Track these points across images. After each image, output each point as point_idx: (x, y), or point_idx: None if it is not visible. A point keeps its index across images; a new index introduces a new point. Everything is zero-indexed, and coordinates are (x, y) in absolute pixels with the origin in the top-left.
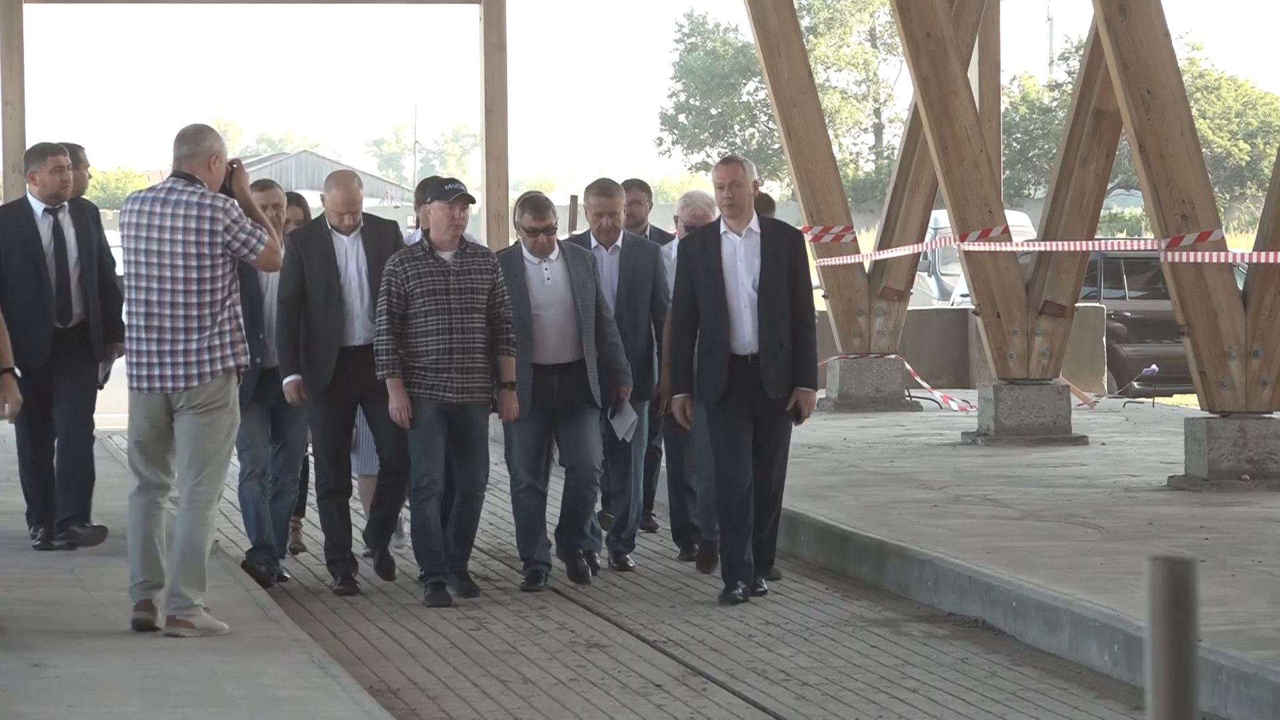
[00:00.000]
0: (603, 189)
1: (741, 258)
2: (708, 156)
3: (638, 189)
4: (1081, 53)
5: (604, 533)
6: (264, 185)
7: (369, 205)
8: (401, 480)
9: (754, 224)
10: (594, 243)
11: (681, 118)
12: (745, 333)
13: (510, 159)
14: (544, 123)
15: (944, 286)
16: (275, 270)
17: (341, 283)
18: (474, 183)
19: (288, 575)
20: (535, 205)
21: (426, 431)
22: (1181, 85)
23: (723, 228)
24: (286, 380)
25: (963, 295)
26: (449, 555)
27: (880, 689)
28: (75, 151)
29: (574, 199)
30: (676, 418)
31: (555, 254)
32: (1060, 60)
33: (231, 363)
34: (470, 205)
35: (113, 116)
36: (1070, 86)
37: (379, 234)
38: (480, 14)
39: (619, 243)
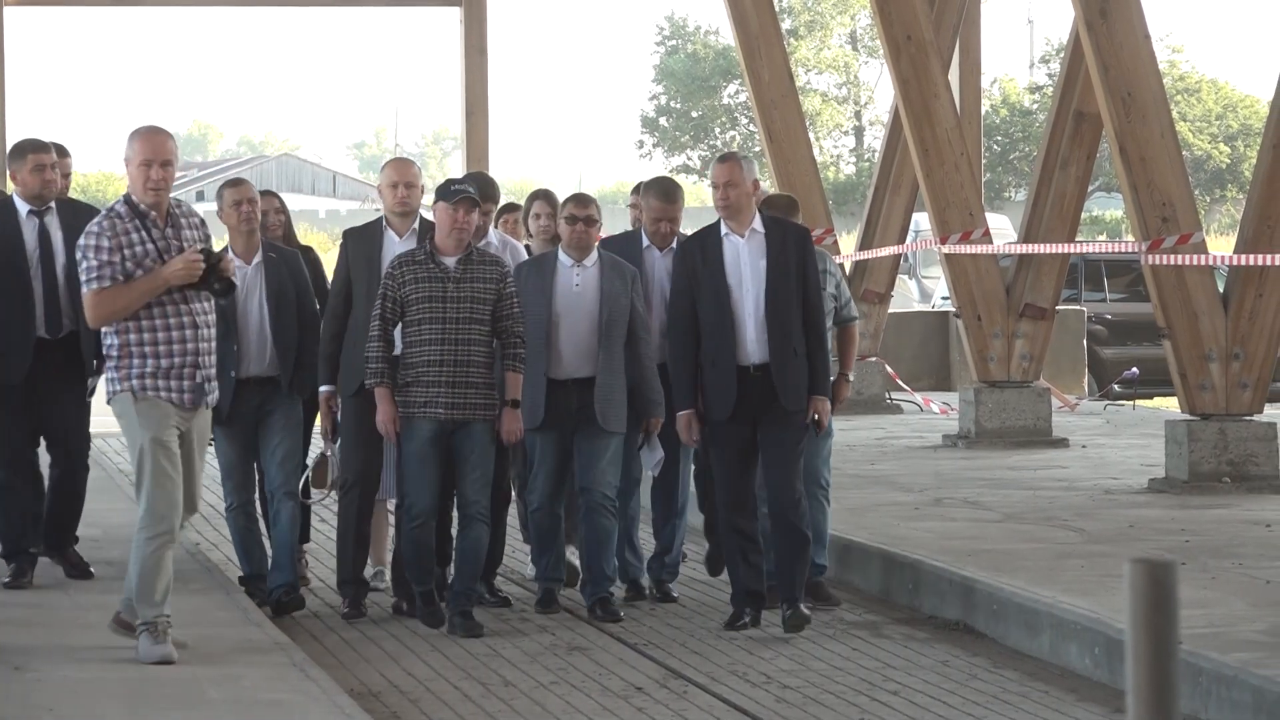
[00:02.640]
0: (663, 192)
1: (745, 261)
2: (689, 159)
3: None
4: (1062, 55)
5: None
6: (235, 183)
7: (349, 207)
8: (363, 506)
9: (757, 224)
10: (645, 242)
11: (662, 120)
12: (751, 342)
13: (491, 162)
14: (525, 126)
15: (925, 289)
16: (90, 322)
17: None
18: None
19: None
20: (578, 196)
21: (419, 456)
22: (1162, 88)
23: (724, 229)
24: (321, 390)
25: (943, 298)
26: (455, 593)
27: (861, 691)
28: (57, 150)
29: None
30: (681, 437)
31: (593, 260)
32: (1041, 63)
33: (120, 386)
34: (476, 209)
35: (94, 119)
36: (1051, 89)
37: None
38: (461, 17)
39: (674, 245)
